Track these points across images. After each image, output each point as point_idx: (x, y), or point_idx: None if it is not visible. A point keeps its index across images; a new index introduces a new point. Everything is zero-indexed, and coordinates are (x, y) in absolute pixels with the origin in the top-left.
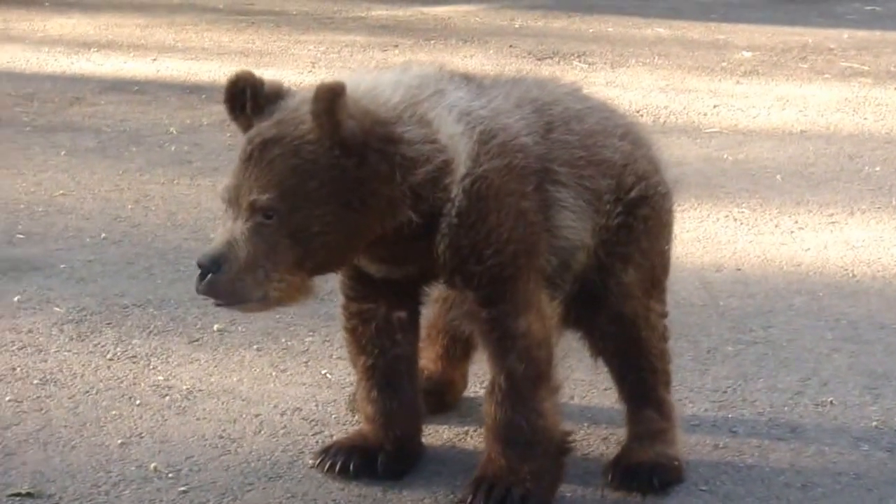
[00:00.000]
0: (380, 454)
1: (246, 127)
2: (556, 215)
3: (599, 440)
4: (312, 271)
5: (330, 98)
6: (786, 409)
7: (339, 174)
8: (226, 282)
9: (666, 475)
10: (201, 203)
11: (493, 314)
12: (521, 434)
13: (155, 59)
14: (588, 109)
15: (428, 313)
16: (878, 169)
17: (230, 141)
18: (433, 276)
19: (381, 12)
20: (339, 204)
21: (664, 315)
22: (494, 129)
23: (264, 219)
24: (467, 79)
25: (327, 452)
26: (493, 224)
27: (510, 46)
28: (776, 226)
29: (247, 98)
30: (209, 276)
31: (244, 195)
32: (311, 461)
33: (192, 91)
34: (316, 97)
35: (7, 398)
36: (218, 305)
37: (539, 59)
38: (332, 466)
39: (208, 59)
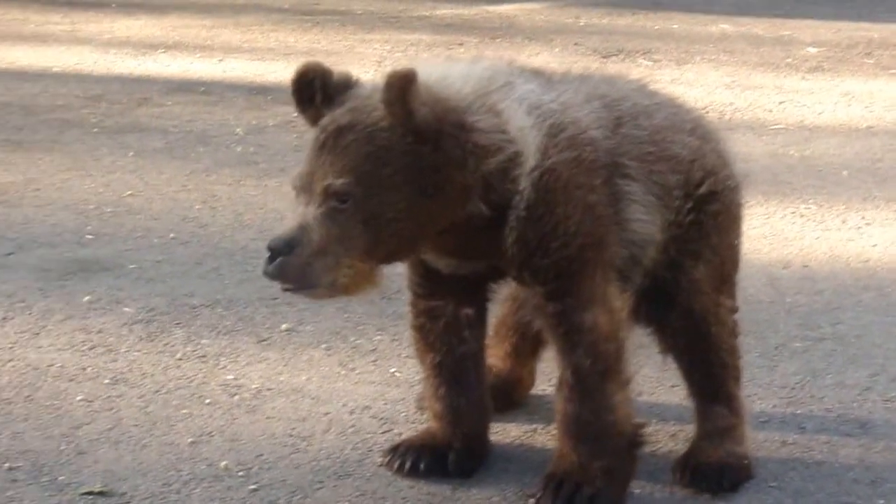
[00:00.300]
0: (449, 452)
1: (314, 119)
2: (625, 209)
3: (667, 437)
4: (382, 260)
5: (402, 85)
6: (854, 405)
7: (413, 161)
8: (296, 265)
9: (735, 475)
10: (267, 204)
11: (559, 308)
12: (591, 429)
13: (221, 60)
14: (656, 105)
15: (496, 311)
16: None
17: (296, 142)
18: (501, 272)
19: (445, 11)
20: (413, 191)
21: (734, 310)
22: (564, 123)
23: (339, 203)
24: (536, 73)
25: (396, 451)
26: (560, 217)
27: (575, 44)
28: (843, 222)
29: (315, 89)
30: (279, 259)
31: (318, 181)
32: (380, 460)
33: (258, 92)
34: (387, 85)
35: (78, 398)
36: (285, 290)
37: (604, 57)
38: (402, 466)
39: (274, 59)
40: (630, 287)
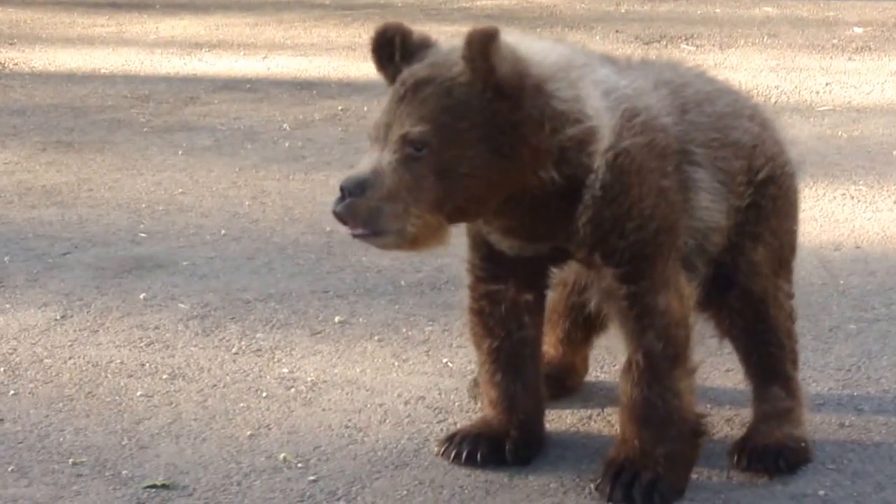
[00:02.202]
0: (506, 441)
1: (392, 77)
2: (693, 196)
3: (723, 421)
4: (450, 215)
5: (483, 41)
6: None
7: (491, 117)
8: (366, 208)
9: (793, 457)
10: (316, 197)
11: (632, 291)
12: (657, 414)
13: (265, 57)
14: (717, 91)
15: (550, 298)
16: None
17: (342, 135)
18: (564, 255)
19: (486, 2)
20: (488, 147)
21: (791, 295)
22: (638, 108)
23: (414, 151)
24: (609, 59)
25: (452, 440)
26: (635, 198)
27: (616, 31)
28: (895, 202)
29: (395, 47)
30: (349, 199)
31: (395, 130)
32: (436, 449)
33: (302, 87)
34: (469, 41)
35: (138, 393)
36: (354, 236)
37: (646, 44)
38: (459, 455)
39: (317, 55)
40: (697, 276)
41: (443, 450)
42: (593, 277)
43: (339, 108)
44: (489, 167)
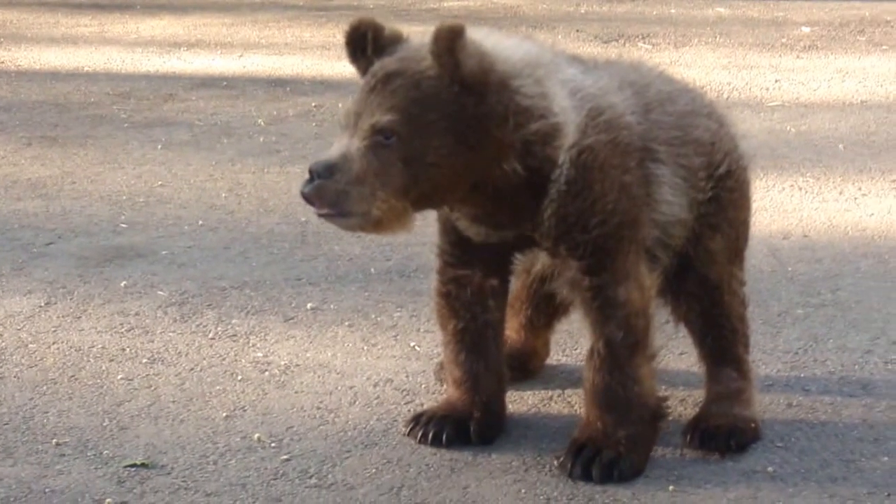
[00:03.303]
0: (470, 422)
1: (365, 69)
2: (656, 191)
3: (677, 402)
4: (415, 201)
5: (450, 37)
6: (856, 367)
7: (457, 110)
8: (333, 190)
9: (743, 436)
10: (290, 190)
11: (595, 283)
12: (618, 399)
13: (241, 56)
14: (677, 91)
15: (513, 285)
16: None
17: (315, 130)
18: (529, 242)
19: (453, 3)
20: (454, 138)
21: (743, 283)
22: (602, 107)
23: (383, 139)
24: (575, 58)
25: (419, 421)
26: (598, 194)
27: (577, 31)
28: (840, 193)
29: (368, 41)
30: (318, 181)
31: (365, 118)
32: (403, 429)
33: (277, 84)
34: (436, 37)
35: (119, 377)
36: (320, 216)
37: (605, 42)
38: (425, 436)
39: (291, 53)
40: (658, 266)
41: (409, 430)
42: (558, 267)
43: (313, 104)
44: (454, 157)
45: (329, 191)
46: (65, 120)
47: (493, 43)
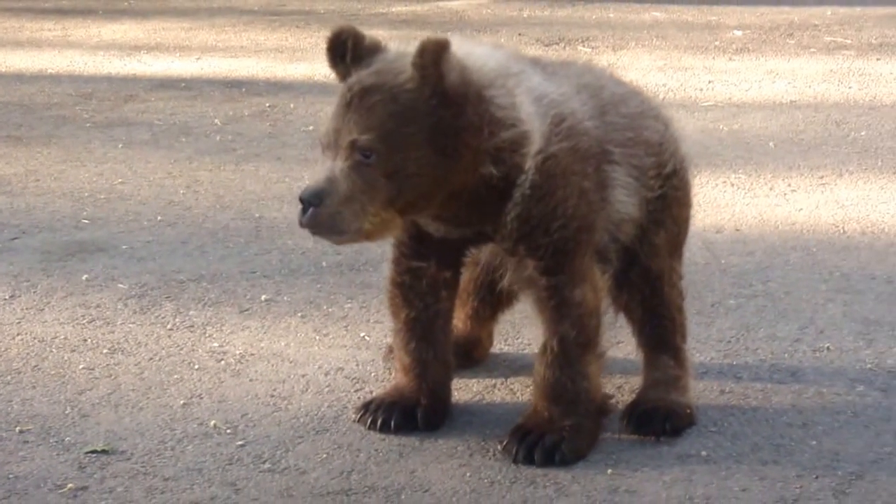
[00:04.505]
0: (418, 409)
1: (343, 76)
2: (611, 193)
3: (614, 388)
4: (402, 210)
5: (437, 51)
6: (786, 355)
7: (435, 121)
8: (327, 215)
9: (679, 421)
10: (246, 186)
11: (552, 283)
12: (566, 393)
13: (199, 58)
14: (628, 93)
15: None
16: (863, 133)
17: (269, 130)
18: (486, 238)
19: (401, 8)
20: (433, 149)
21: (682, 277)
22: (564, 113)
23: (363, 157)
24: (536, 62)
25: (368, 408)
26: (560, 199)
27: (519, 34)
28: (771, 189)
29: (347, 48)
30: (311, 209)
31: (344, 137)
32: (353, 416)
33: (233, 86)
34: (422, 50)
35: (81, 366)
36: (316, 236)
37: (546, 45)
38: (374, 422)
39: (247, 56)
40: (610, 267)
41: (359, 417)
42: (514, 265)
43: (267, 104)
44: (434, 167)
45: (323, 216)
46: (29, 120)
47: (466, 53)
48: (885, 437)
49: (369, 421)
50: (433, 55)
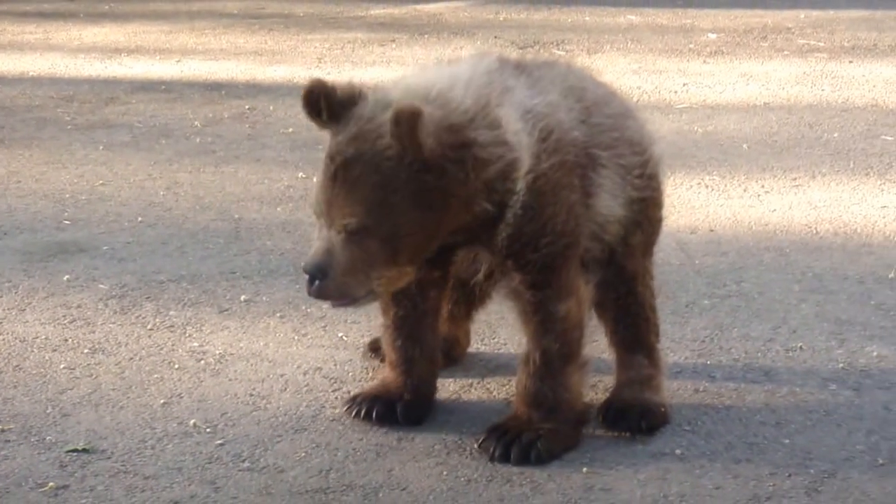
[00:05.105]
0: (399, 403)
1: (323, 126)
2: (596, 201)
3: (588, 388)
4: (406, 263)
5: (410, 122)
6: (759, 355)
7: (419, 185)
8: (333, 286)
9: (654, 419)
10: (225, 188)
11: (538, 297)
12: (547, 402)
13: (179, 61)
14: (608, 93)
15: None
16: (835, 135)
17: (249, 132)
18: (475, 244)
19: (379, 11)
20: (422, 209)
21: (653, 276)
22: (551, 125)
23: (356, 232)
24: (519, 67)
25: (355, 400)
26: (549, 216)
27: (495, 37)
28: (744, 190)
29: (321, 108)
30: (317, 282)
31: (335, 212)
32: (341, 408)
33: (212, 88)
34: (396, 121)
35: (62, 366)
36: (333, 306)
37: (522, 48)
38: (358, 412)
39: (226, 58)
40: (595, 278)
41: (346, 408)
42: (500, 276)
43: (247, 107)
44: (426, 223)
45: (330, 288)
46: (11, 122)
47: (447, 85)
48: (856, 435)
49: (354, 411)
50: (408, 126)
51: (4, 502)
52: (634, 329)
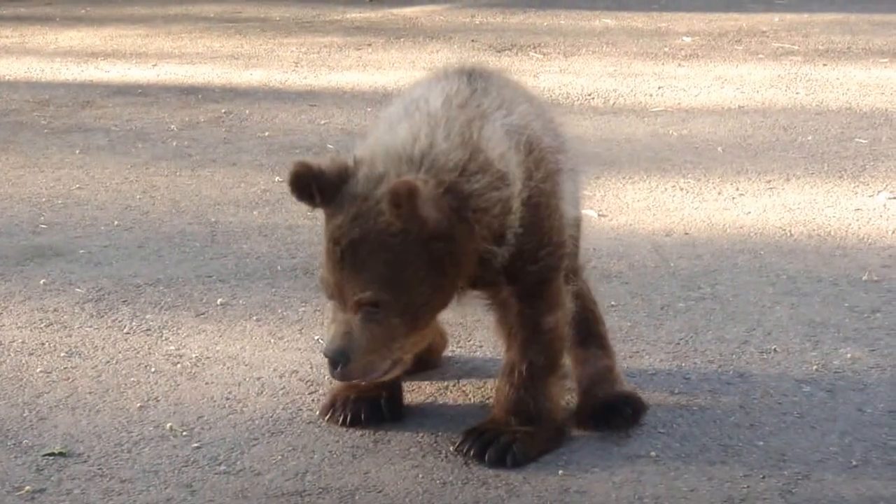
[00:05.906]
0: (381, 401)
1: (316, 206)
2: (563, 203)
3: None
4: (425, 327)
5: (410, 202)
6: (734, 357)
7: (429, 255)
8: (358, 368)
9: (636, 404)
10: (201, 192)
11: (527, 310)
12: (527, 410)
13: (155, 65)
14: (539, 98)
15: None
16: (810, 138)
17: (225, 135)
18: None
19: (355, 15)
20: (434, 275)
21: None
22: (530, 138)
23: (371, 309)
24: (474, 83)
25: (334, 406)
26: (547, 228)
27: (472, 41)
28: (719, 193)
29: (312, 191)
30: (340, 367)
31: (348, 293)
32: (320, 415)
33: (189, 92)
34: (396, 203)
35: (38, 370)
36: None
37: (498, 52)
38: (345, 419)
39: (203, 62)
40: (574, 287)
41: (329, 416)
42: (488, 287)
43: (223, 111)
44: (441, 285)
45: (356, 370)
46: None
47: (423, 148)
48: (830, 437)
49: (340, 418)
50: (409, 206)
51: None
52: (586, 323)
